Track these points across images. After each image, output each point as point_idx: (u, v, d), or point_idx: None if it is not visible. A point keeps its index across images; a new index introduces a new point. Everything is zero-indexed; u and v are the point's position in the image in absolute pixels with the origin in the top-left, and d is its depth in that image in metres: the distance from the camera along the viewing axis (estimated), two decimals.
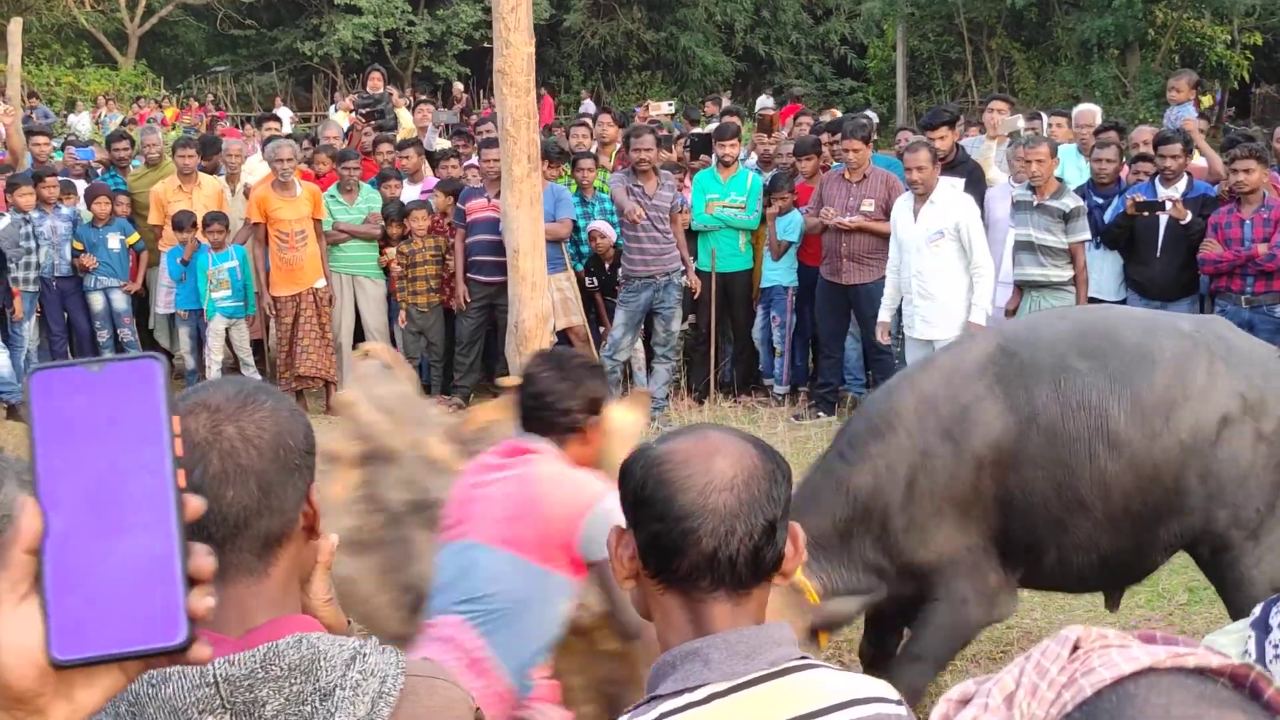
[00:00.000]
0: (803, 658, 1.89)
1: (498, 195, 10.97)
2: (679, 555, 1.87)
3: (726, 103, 19.67)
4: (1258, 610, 1.89)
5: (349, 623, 2.00)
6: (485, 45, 28.24)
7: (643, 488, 1.91)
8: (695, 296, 10.87)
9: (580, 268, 10.98)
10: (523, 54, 5.33)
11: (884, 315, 9.38)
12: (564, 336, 10.79)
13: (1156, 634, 1.01)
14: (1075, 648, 1.01)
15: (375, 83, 15.30)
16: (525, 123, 5.35)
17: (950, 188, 9.04)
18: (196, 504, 1.08)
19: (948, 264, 8.81)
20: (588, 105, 23.77)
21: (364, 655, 1.66)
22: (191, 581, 1.06)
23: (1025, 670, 1.01)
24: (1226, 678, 0.96)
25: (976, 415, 4.86)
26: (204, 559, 1.07)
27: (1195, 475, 4.89)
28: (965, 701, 1.04)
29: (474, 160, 11.86)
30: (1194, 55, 23.35)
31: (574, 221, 10.73)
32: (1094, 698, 0.95)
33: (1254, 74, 24.17)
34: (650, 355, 10.96)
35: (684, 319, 11.06)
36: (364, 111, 14.26)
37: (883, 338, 9.49)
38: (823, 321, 10.47)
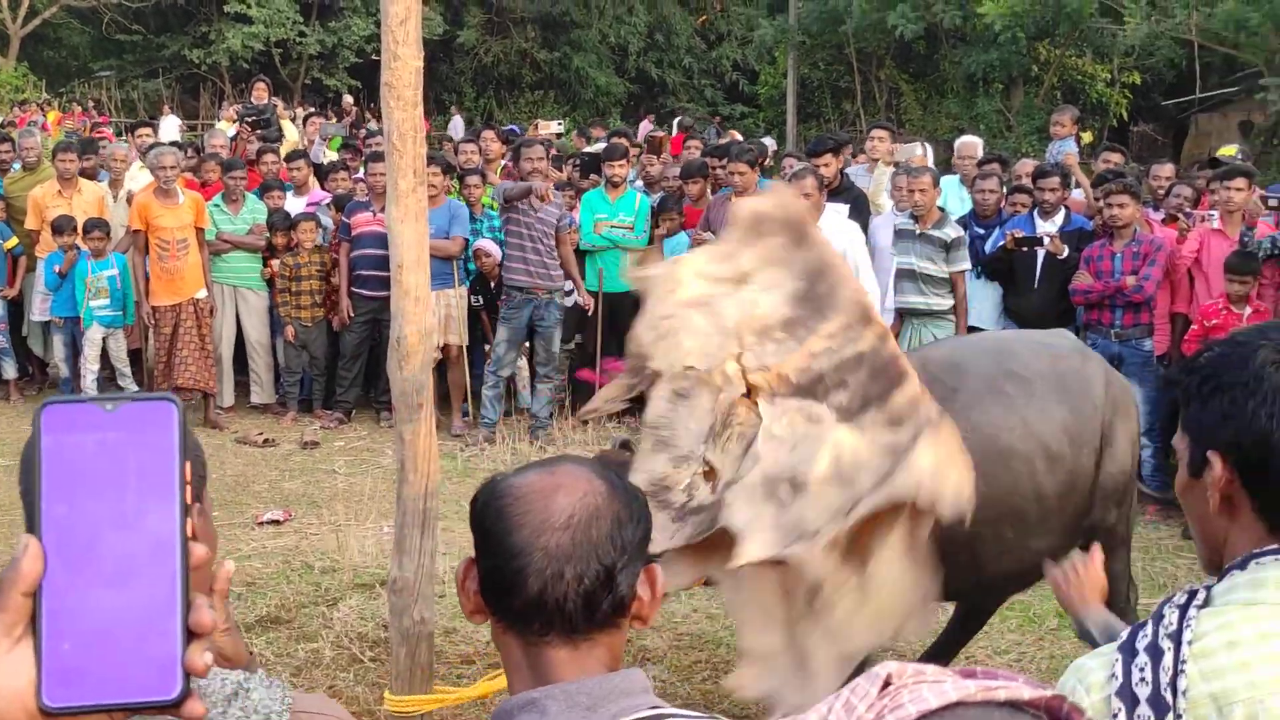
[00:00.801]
0: (653, 708, 1.77)
1: (384, 209, 10.93)
2: (509, 594, 1.79)
3: (648, 125, 19.62)
4: (1124, 635, 1.92)
5: (251, 654, 1.92)
6: (376, 59, 27.86)
7: (483, 520, 1.85)
8: (589, 313, 10.90)
9: (466, 285, 10.94)
10: (411, 68, 5.29)
11: None
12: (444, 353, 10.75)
13: (976, 670, 1.01)
14: (886, 684, 1.00)
15: (260, 93, 15.11)
16: (412, 137, 5.30)
17: (835, 214, 9.14)
18: (201, 553, 1.06)
19: None
20: (456, 123, 23.45)
21: (246, 691, 1.60)
22: (191, 635, 1.03)
23: (834, 708, 1.00)
24: (1040, 710, 0.97)
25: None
26: (205, 613, 1.04)
27: (1102, 475, 5.28)
28: None
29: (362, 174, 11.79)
30: (1075, 92, 23.93)
31: (465, 240, 10.70)
32: None
33: (1132, 112, 24.85)
34: (534, 374, 10.96)
35: (570, 339, 11.07)
36: (249, 121, 14.10)
37: None
38: None
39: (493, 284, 10.93)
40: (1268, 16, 18.97)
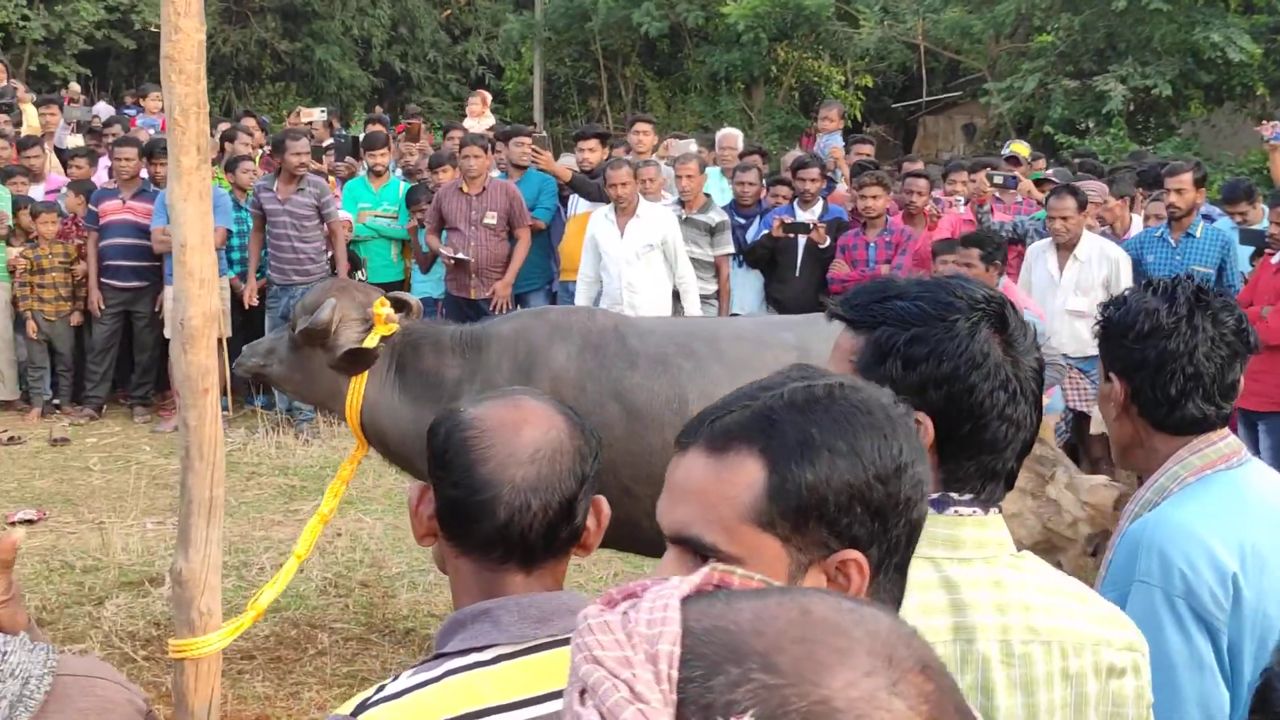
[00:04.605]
0: None
1: (134, 196, 10.55)
2: (473, 524, 1.86)
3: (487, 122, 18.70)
4: None
5: (29, 620, 1.85)
6: (107, 45, 26.86)
7: (445, 451, 1.89)
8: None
9: (233, 275, 10.61)
10: (194, 40, 5.12)
11: None
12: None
13: (631, 586, 1.01)
14: (611, 628, 0.96)
15: None
16: (195, 112, 5.13)
17: (649, 203, 9.22)
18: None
19: (656, 276, 8.93)
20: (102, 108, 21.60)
21: (4, 655, 1.54)
22: None
23: (610, 668, 0.92)
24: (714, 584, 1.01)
25: (546, 368, 5.42)
26: None
27: None
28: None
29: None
30: (812, 94, 24.70)
31: (228, 230, 10.38)
32: (693, 651, 0.92)
33: (865, 114, 25.80)
34: None
35: None
36: None
37: None
38: None
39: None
40: (989, 24, 20.02)
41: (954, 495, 1.86)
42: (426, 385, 5.53)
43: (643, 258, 8.95)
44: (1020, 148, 11.52)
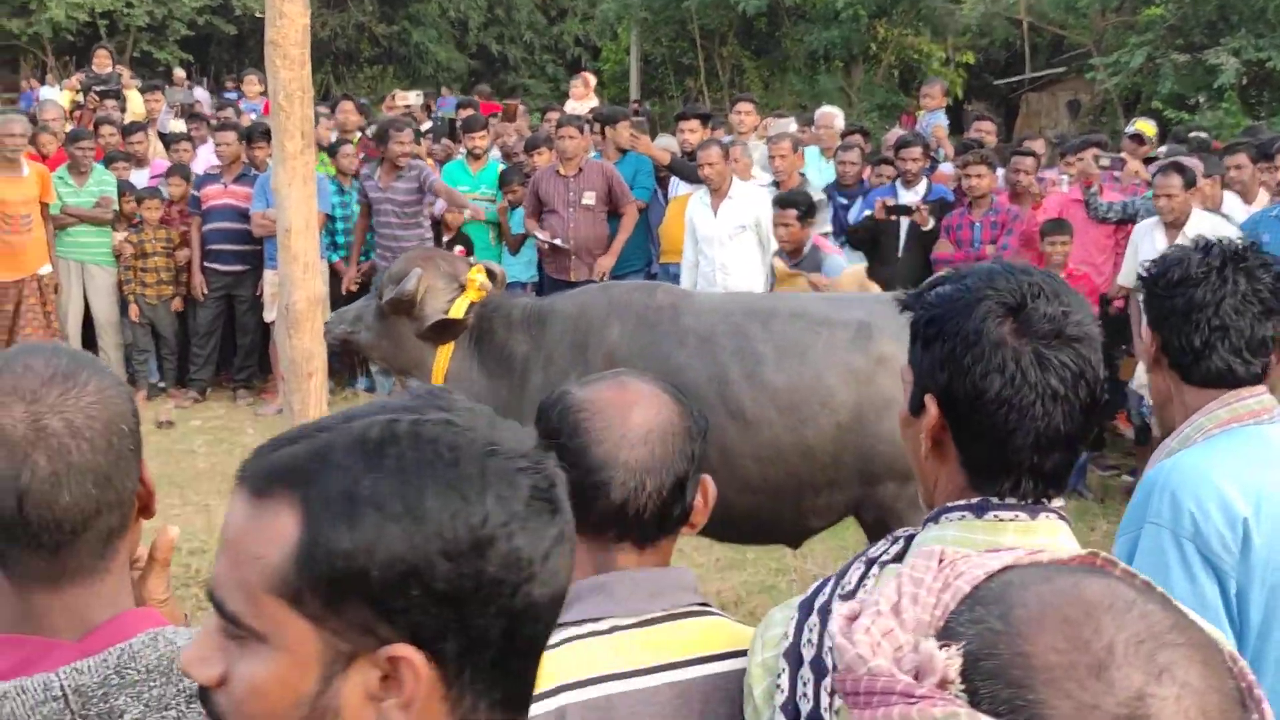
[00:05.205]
0: (701, 604, 1.95)
1: (235, 180, 10.65)
2: (588, 505, 1.83)
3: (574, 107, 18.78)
4: (811, 590, 1.89)
5: (185, 617, 1.87)
6: (209, 31, 27.23)
7: (558, 433, 1.90)
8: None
9: (337, 259, 10.66)
10: (298, 25, 5.17)
11: None
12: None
13: (1016, 547, 1.12)
14: (939, 560, 1.08)
15: (103, 61, 14.59)
16: (299, 97, 5.16)
17: (742, 184, 9.15)
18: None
19: (749, 256, 8.88)
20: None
21: None
22: None
23: (902, 583, 1.07)
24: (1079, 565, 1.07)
25: (601, 346, 5.33)
26: None
27: (852, 452, 5.12)
28: (854, 618, 1.06)
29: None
30: (913, 71, 24.37)
31: (327, 215, 10.41)
32: (973, 593, 1.03)
33: (966, 92, 25.39)
34: None
35: None
36: (98, 91, 13.51)
37: None
38: None
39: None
40: None
41: (994, 500, 1.79)
42: (499, 359, 5.56)
43: (735, 238, 8.88)
44: (1146, 126, 11.12)
